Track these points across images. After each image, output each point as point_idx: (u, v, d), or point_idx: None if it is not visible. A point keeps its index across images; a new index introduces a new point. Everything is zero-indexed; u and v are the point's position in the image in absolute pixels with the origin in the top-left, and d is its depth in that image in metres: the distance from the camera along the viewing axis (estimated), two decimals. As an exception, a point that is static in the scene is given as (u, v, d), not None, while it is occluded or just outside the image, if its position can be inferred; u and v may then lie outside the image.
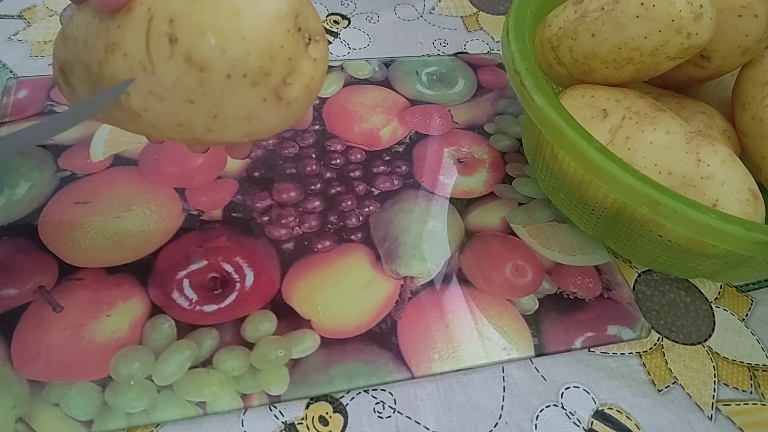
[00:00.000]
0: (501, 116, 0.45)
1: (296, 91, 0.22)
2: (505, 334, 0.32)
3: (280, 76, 0.21)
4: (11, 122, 0.38)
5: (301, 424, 0.28)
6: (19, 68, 0.43)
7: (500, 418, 0.30)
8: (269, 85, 0.21)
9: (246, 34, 0.20)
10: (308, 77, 0.22)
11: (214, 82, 0.20)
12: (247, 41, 0.20)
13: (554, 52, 0.36)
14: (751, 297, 0.37)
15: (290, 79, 0.21)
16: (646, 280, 0.37)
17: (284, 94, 0.21)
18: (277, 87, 0.21)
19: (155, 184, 0.36)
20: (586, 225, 0.36)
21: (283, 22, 0.20)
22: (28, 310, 0.30)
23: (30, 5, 0.48)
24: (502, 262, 0.36)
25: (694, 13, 0.29)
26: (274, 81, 0.21)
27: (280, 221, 0.36)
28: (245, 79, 0.20)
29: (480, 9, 0.56)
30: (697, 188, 0.29)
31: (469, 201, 0.39)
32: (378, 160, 0.40)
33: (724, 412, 0.31)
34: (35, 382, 0.28)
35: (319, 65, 0.23)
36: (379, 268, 0.34)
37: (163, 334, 0.30)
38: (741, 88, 0.35)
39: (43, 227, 0.33)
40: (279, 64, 0.21)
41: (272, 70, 0.20)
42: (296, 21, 0.21)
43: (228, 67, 0.20)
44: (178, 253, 0.33)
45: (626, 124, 0.32)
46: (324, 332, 0.31)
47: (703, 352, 0.34)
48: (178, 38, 0.20)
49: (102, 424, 0.27)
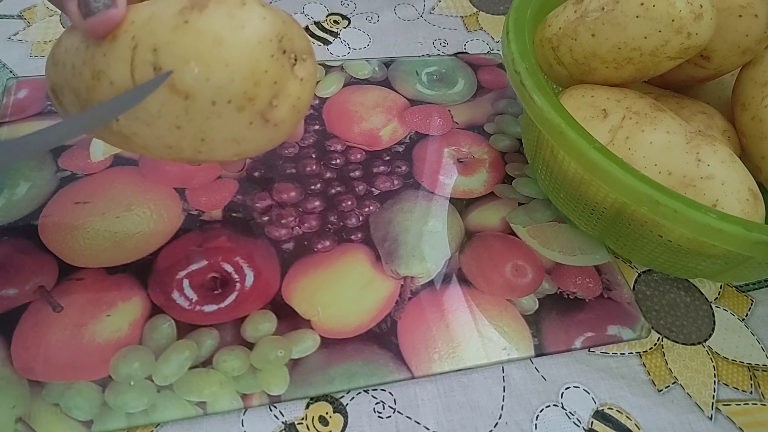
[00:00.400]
0: (501, 116, 0.45)
1: (283, 113, 0.22)
2: (505, 334, 0.32)
3: (266, 99, 0.21)
4: (11, 122, 0.38)
5: (301, 424, 0.28)
6: (19, 68, 0.43)
7: (500, 418, 0.30)
8: (255, 109, 0.21)
9: (229, 61, 0.20)
10: (295, 98, 0.22)
11: (199, 109, 0.20)
12: (231, 68, 0.20)
13: (554, 52, 0.36)
14: (751, 297, 0.37)
15: (276, 102, 0.21)
16: (646, 280, 0.37)
17: (271, 116, 0.22)
18: (263, 110, 0.21)
19: (155, 184, 0.36)
20: (586, 225, 0.36)
21: (267, 47, 0.20)
22: (28, 310, 0.30)
23: (30, 5, 0.48)
24: (502, 262, 0.36)
25: (694, 13, 0.29)
26: (259, 105, 0.21)
27: (280, 221, 0.36)
28: (230, 104, 0.20)
29: (480, 9, 0.56)
30: (697, 188, 0.29)
31: (469, 201, 0.39)
32: (378, 160, 0.40)
33: (724, 412, 0.31)
34: (35, 382, 0.28)
35: (306, 84, 0.23)
36: (379, 268, 0.34)
37: (163, 334, 0.30)
38: (741, 88, 0.35)
39: (43, 227, 0.33)
40: (264, 88, 0.21)
41: (257, 95, 0.21)
42: (281, 44, 0.21)
43: (212, 94, 0.20)
44: (178, 253, 0.33)
45: (626, 124, 0.32)
46: (324, 332, 0.31)
47: (703, 352, 0.34)
48: (161, 67, 0.20)
49: (102, 424, 0.27)
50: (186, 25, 0.20)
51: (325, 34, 0.50)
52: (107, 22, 0.21)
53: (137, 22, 0.21)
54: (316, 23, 0.51)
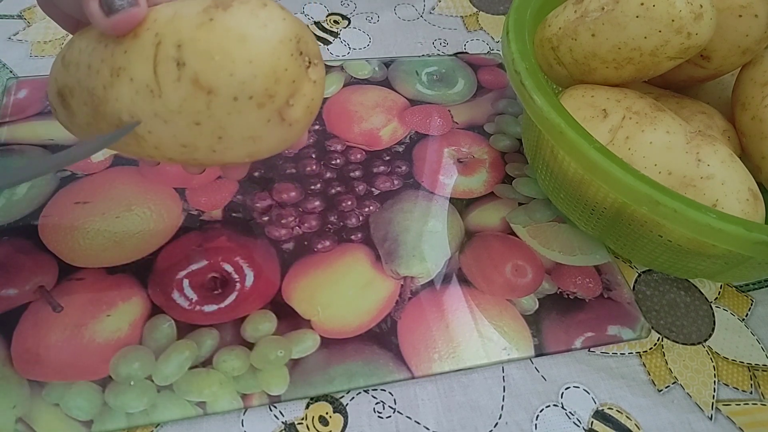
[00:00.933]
0: (501, 116, 0.45)
1: (298, 112, 0.23)
2: (505, 334, 0.32)
3: (284, 97, 0.22)
4: (11, 122, 0.38)
5: (301, 424, 0.28)
6: (19, 68, 0.43)
7: (500, 418, 0.30)
8: (274, 106, 0.22)
9: (253, 58, 0.20)
10: (309, 98, 0.23)
11: (221, 104, 0.21)
12: (254, 65, 0.20)
13: (554, 52, 0.36)
14: (751, 297, 0.37)
15: (293, 101, 0.22)
16: (646, 280, 0.37)
17: (287, 115, 0.22)
18: (281, 108, 0.22)
19: (155, 184, 0.36)
20: (586, 225, 0.36)
21: (287, 46, 0.21)
22: (28, 310, 0.30)
23: (30, 5, 0.48)
24: (502, 262, 0.36)
25: (694, 13, 0.29)
26: (278, 102, 0.22)
27: (280, 221, 0.36)
28: (251, 101, 0.21)
29: (480, 9, 0.56)
30: (697, 188, 0.29)
31: (469, 201, 0.39)
32: (378, 160, 0.40)
33: (724, 412, 0.31)
34: (35, 382, 0.28)
35: (318, 87, 0.23)
36: (379, 268, 0.34)
37: (163, 334, 0.30)
38: (741, 88, 0.35)
39: (43, 227, 0.33)
40: (283, 86, 0.21)
41: (277, 92, 0.21)
42: (298, 45, 0.22)
43: (235, 90, 0.21)
44: (178, 253, 0.33)
45: (626, 124, 0.32)
46: (324, 332, 0.31)
47: (703, 352, 0.34)
48: (186, 62, 0.20)
49: (102, 424, 0.27)
50: (211, 23, 0.20)
51: (325, 34, 0.50)
52: (131, 19, 0.21)
53: (160, 20, 0.21)
54: (316, 23, 0.51)
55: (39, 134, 0.38)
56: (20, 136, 0.38)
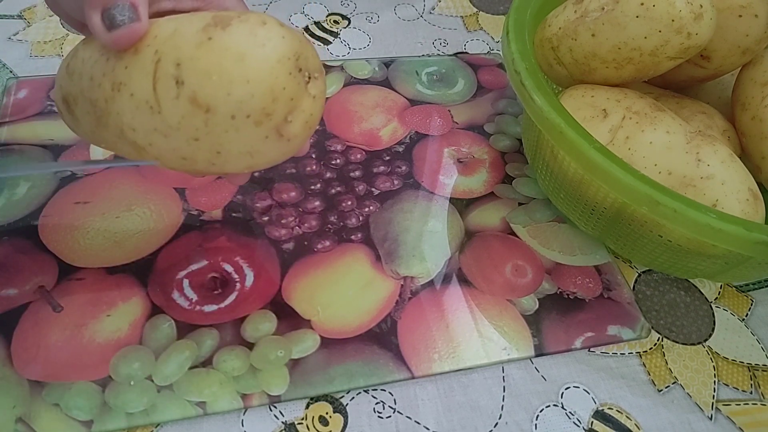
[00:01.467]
0: (501, 116, 0.45)
1: (296, 128, 0.23)
2: (505, 334, 0.32)
3: (282, 115, 0.22)
4: (11, 122, 0.38)
5: (301, 424, 0.28)
6: (19, 68, 0.43)
7: (500, 418, 0.30)
8: (271, 124, 0.22)
9: (250, 77, 0.20)
10: (308, 114, 0.23)
11: (218, 122, 0.21)
12: (252, 84, 0.20)
13: (554, 52, 0.36)
14: (751, 297, 0.37)
15: (291, 117, 0.22)
16: (646, 280, 0.37)
17: (285, 131, 0.22)
18: (279, 125, 0.22)
19: (155, 184, 0.36)
20: (586, 225, 0.36)
21: (285, 65, 0.21)
22: (28, 310, 0.30)
23: (30, 5, 0.48)
24: (502, 262, 0.36)
25: (694, 13, 0.29)
26: (276, 120, 0.22)
27: (280, 221, 0.36)
28: (249, 119, 0.21)
29: (480, 9, 0.56)
30: (697, 188, 0.29)
31: (469, 201, 0.39)
32: (378, 160, 0.40)
33: (724, 412, 0.31)
34: (35, 382, 0.28)
35: (318, 101, 0.24)
36: (379, 268, 0.34)
37: (163, 334, 0.30)
38: (741, 88, 0.35)
39: (43, 227, 0.33)
40: (281, 104, 0.21)
41: (274, 111, 0.21)
42: (297, 62, 0.22)
43: (232, 109, 0.21)
44: (178, 253, 0.33)
45: (626, 124, 0.32)
46: (324, 332, 0.31)
47: (703, 352, 0.34)
48: (184, 81, 0.21)
49: (102, 424, 0.27)
50: (210, 42, 0.20)
51: (325, 34, 0.50)
52: (131, 35, 0.21)
53: (160, 36, 0.21)
54: (316, 23, 0.51)
55: (39, 134, 0.38)
56: (20, 136, 0.38)
